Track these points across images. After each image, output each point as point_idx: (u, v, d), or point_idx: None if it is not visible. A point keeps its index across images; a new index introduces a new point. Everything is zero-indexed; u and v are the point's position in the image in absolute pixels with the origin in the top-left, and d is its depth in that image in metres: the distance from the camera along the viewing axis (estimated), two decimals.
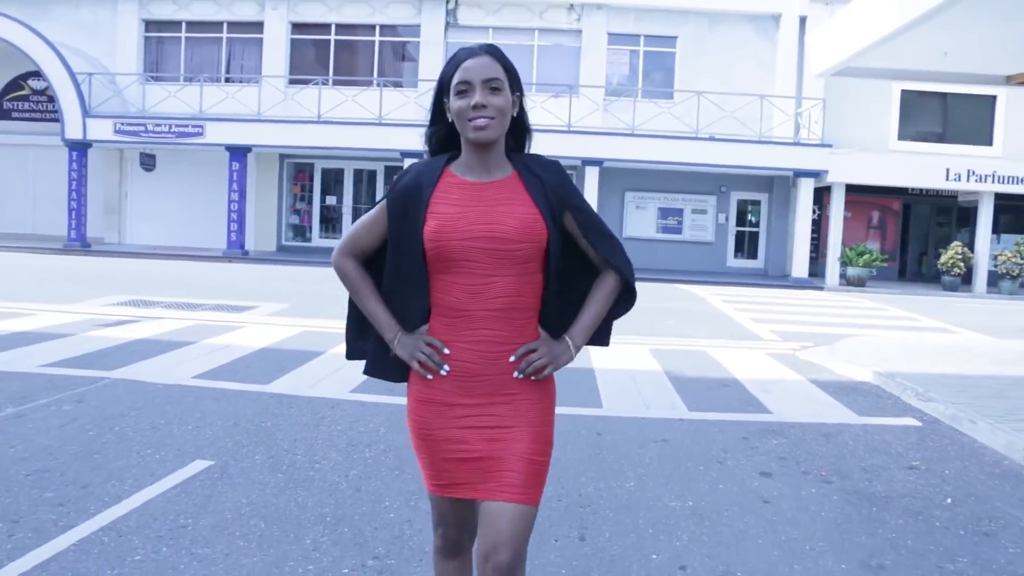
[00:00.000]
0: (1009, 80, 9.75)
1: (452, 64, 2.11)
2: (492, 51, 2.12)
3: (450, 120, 2.11)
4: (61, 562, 3.29)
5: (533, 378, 2.13)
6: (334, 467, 4.64)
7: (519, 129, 2.19)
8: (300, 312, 11.26)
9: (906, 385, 7.40)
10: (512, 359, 2.09)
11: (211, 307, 11.41)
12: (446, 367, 2.10)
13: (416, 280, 2.12)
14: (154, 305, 11.32)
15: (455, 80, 2.07)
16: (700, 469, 4.93)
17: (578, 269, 2.22)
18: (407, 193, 2.11)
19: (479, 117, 2.03)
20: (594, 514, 4.10)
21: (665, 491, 4.49)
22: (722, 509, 4.27)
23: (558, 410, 2.28)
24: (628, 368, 8.03)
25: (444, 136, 2.18)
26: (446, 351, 2.10)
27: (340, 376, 7.00)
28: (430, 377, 2.12)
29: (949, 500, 4.61)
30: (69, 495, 4.02)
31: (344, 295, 2.30)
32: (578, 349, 2.20)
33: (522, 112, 2.17)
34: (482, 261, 2.06)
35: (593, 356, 8.16)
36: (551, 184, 2.14)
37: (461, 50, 2.14)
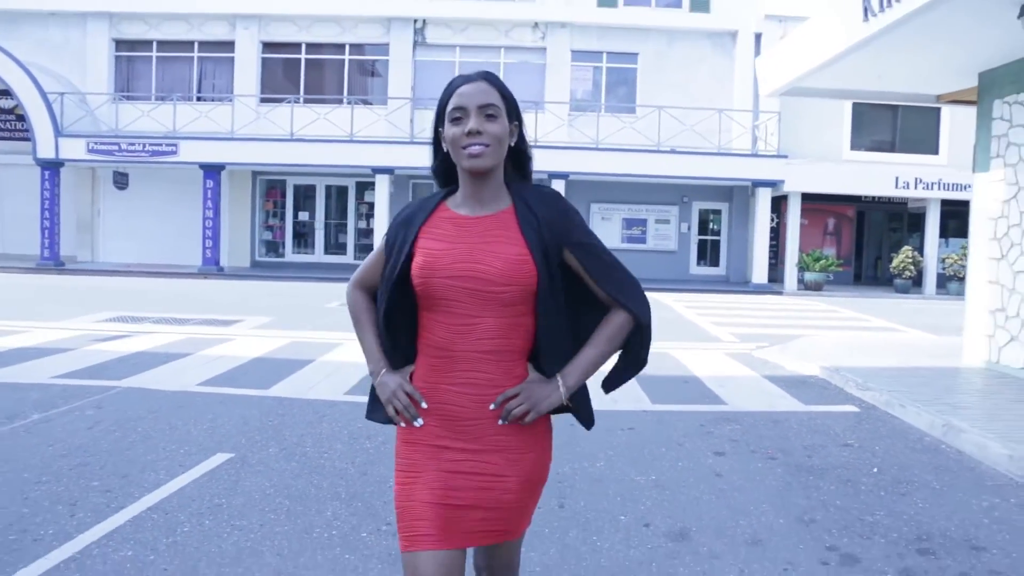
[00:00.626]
0: (939, 99, 10.61)
1: (448, 91, 2.02)
2: (489, 77, 2.03)
3: (445, 150, 2.03)
4: (122, 533, 3.88)
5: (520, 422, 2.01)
6: (341, 456, 5.25)
7: (520, 158, 2.09)
8: (284, 325, 11.81)
9: (848, 377, 8.15)
10: (492, 407, 1.97)
11: (198, 321, 11.92)
12: (420, 420, 2.02)
13: (402, 316, 2.06)
14: (143, 321, 11.81)
15: (449, 106, 1.98)
16: (662, 451, 5.61)
17: (590, 307, 2.11)
18: (400, 228, 2.06)
19: (473, 144, 1.93)
20: (571, 488, 4.76)
21: (631, 468, 5.16)
22: (680, 481, 4.95)
23: None
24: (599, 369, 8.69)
25: (448, 168, 2.08)
26: (424, 405, 2.02)
27: (333, 381, 7.60)
28: (403, 425, 2.05)
29: (875, 469, 5.33)
30: (113, 483, 4.60)
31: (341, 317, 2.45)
32: (570, 390, 2.05)
33: (522, 141, 2.08)
34: (464, 301, 1.96)
35: None
36: (547, 220, 2.00)
37: (458, 76, 2.04)
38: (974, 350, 9.18)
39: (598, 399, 2.26)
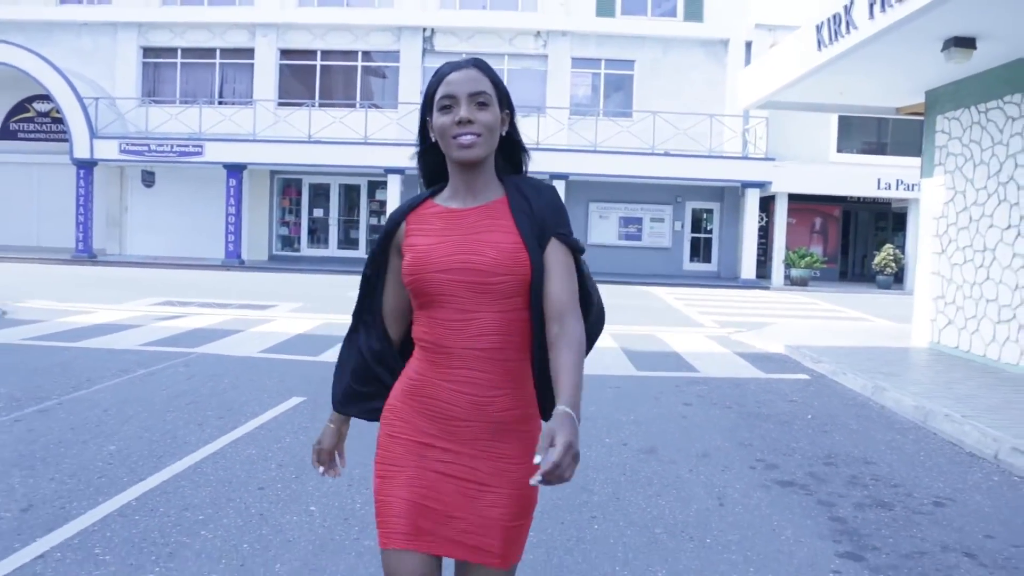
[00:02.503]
0: (898, 111, 12.01)
1: (436, 78, 1.92)
2: (479, 64, 1.93)
3: (433, 139, 1.94)
4: (243, 442, 5.32)
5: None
6: None
7: (512, 148, 2.00)
8: (315, 309, 13.25)
9: (807, 354, 9.59)
10: (532, 482, 1.54)
11: (237, 306, 13.36)
12: (331, 478, 2.20)
13: (394, 316, 2.05)
14: (189, 304, 13.25)
15: (439, 95, 1.88)
16: (641, 401, 7.05)
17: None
18: (387, 234, 2.00)
19: (464, 134, 1.84)
20: None
21: (616, 411, 6.60)
22: (653, 420, 6.39)
23: None
24: (594, 345, 10.12)
25: (434, 159, 2.00)
26: (339, 472, 2.18)
27: None
28: (321, 471, 2.16)
29: (809, 416, 6.77)
30: (223, 413, 6.04)
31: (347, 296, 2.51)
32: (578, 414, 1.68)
33: (513, 130, 1.99)
34: (461, 295, 1.87)
35: None
36: (539, 208, 1.91)
37: (446, 64, 1.94)
38: (920, 333, 10.62)
39: (591, 365, 3.48)
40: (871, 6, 7.65)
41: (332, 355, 8.82)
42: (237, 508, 4.14)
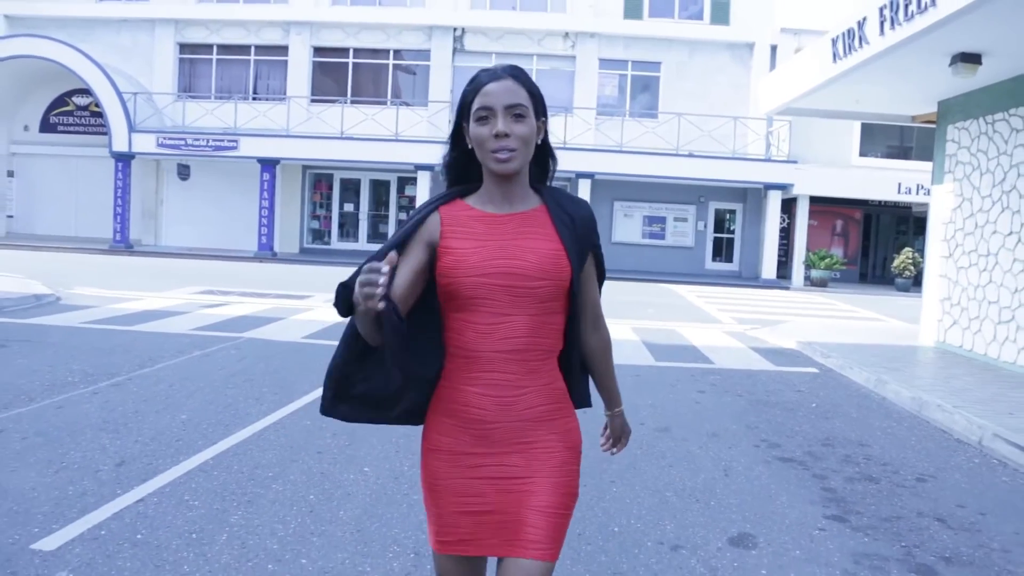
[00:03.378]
0: (914, 119, 12.46)
1: (472, 87, 1.94)
2: (516, 73, 1.94)
3: (469, 147, 1.96)
4: (299, 414, 5.94)
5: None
6: None
7: (543, 156, 2.03)
8: None
9: (817, 349, 10.10)
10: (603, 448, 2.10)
11: (276, 295, 14.03)
12: (382, 303, 1.67)
13: (425, 320, 1.96)
14: (229, 294, 13.93)
15: (476, 105, 1.91)
16: (659, 388, 7.61)
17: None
18: (418, 222, 1.97)
19: (501, 149, 1.88)
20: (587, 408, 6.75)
21: (635, 396, 7.16)
22: (669, 404, 6.95)
23: None
24: (616, 339, 10.56)
25: (464, 163, 2.02)
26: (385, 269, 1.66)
27: None
28: (374, 303, 1.65)
29: (814, 405, 7.31)
30: (277, 389, 6.67)
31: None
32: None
33: (546, 138, 2.02)
34: (498, 299, 1.91)
35: None
36: (581, 221, 2.00)
37: (483, 72, 1.96)
38: (927, 332, 11.09)
39: (618, 353, 4.05)
40: (882, 23, 8.14)
41: None
42: (301, 467, 4.76)
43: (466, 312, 1.91)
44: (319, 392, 6.37)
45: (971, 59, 8.29)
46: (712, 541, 3.97)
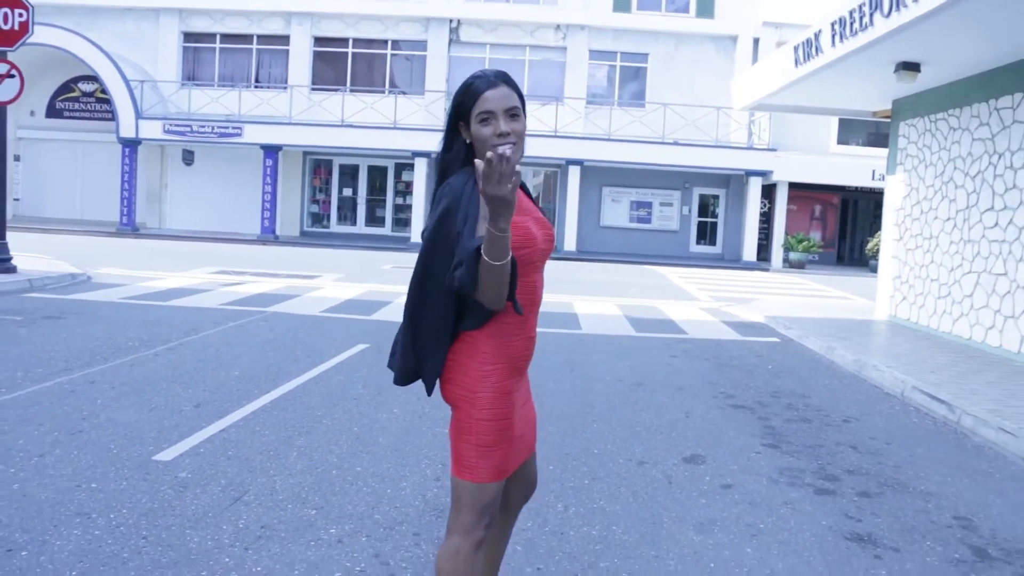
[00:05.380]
0: (874, 115, 13.60)
1: (471, 94, 2.21)
2: (507, 80, 2.25)
3: (467, 142, 2.25)
4: (332, 372, 7.07)
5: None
6: None
7: None
8: (355, 279, 15.00)
9: (781, 322, 11.27)
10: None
11: (287, 275, 15.12)
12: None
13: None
14: (243, 274, 15.01)
15: (478, 109, 2.19)
16: (636, 353, 8.78)
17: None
18: (450, 210, 2.16)
19: (504, 144, 2.13)
20: (578, 366, 7.92)
21: (615, 359, 8.32)
22: (644, 365, 8.11)
23: (556, 330, 5.93)
24: (601, 313, 11.86)
25: (463, 157, 2.27)
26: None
27: None
28: (510, 168, 1.93)
29: (770, 367, 8.48)
30: (310, 352, 7.80)
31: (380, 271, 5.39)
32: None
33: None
34: (540, 262, 2.31)
35: (576, 305, 12.02)
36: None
37: (477, 79, 2.24)
38: (882, 308, 12.28)
39: (598, 326, 5.31)
40: (833, 36, 9.27)
41: (384, 315, 10.58)
42: (342, 409, 5.90)
43: (522, 277, 2.21)
44: (346, 355, 7.54)
45: (911, 67, 9.43)
46: (670, 459, 5.14)
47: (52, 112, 28.71)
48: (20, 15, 11.99)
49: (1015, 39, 8.31)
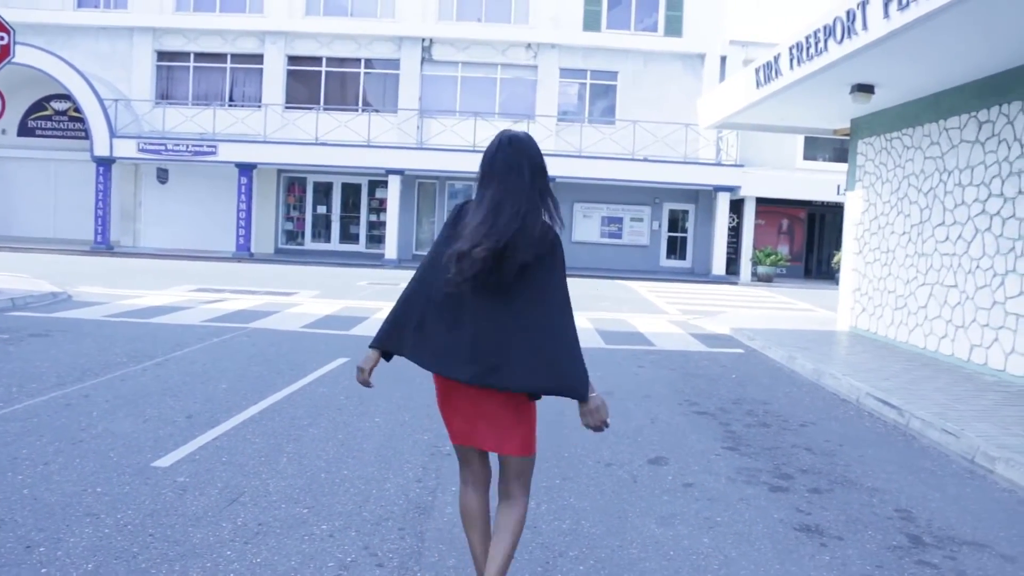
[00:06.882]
0: (835, 132, 14.14)
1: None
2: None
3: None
4: (315, 384, 7.37)
5: None
6: None
7: None
8: (331, 296, 15.28)
9: (746, 334, 11.71)
10: None
11: (264, 292, 15.36)
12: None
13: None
14: (222, 291, 15.24)
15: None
16: (606, 364, 9.15)
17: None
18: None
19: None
20: None
21: None
22: (613, 375, 8.49)
23: None
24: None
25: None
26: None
27: None
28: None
29: (734, 376, 8.89)
30: (294, 366, 8.09)
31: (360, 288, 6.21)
32: None
33: None
34: None
35: None
36: None
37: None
38: (843, 319, 12.77)
39: None
40: (791, 60, 9.75)
41: (362, 330, 10.87)
42: (327, 419, 6.21)
43: None
44: (327, 368, 7.82)
45: (866, 89, 9.93)
46: (636, 461, 5.50)
47: (24, 131, 28.72)
48: (1, 38, 12.22)
49: (959, 64, 8.83)
